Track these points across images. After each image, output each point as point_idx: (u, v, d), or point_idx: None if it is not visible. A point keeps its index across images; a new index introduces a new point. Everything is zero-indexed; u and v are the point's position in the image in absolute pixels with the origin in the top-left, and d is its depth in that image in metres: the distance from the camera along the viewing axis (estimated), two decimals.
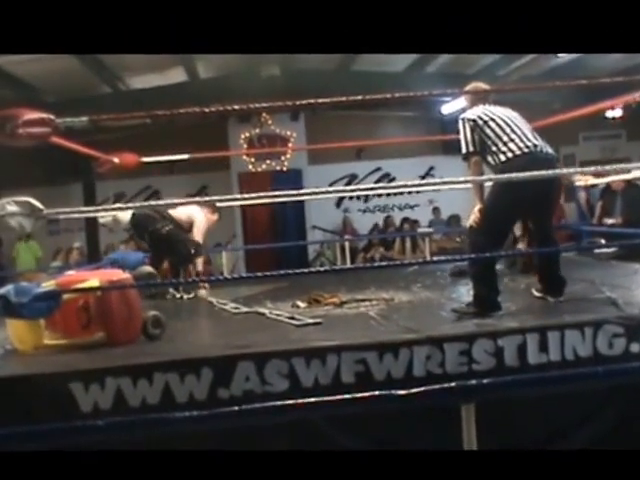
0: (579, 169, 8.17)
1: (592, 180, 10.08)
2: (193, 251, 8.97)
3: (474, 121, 6.27)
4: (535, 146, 6.16)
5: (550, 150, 6.30)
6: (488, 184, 6.43)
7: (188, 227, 9.17)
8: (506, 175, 5.90)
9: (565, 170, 7.25)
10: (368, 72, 16.18)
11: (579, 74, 13.67)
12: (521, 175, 5.71)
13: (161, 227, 8.94)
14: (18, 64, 12.27)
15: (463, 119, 6.35)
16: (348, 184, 19.31)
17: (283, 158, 19.00)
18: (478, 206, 6.14)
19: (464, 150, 6.29)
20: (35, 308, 5.57)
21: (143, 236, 9.30)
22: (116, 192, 18.44)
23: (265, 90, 13.91)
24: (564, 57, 13.81)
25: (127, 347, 5.73)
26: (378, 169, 19.74)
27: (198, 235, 9.13)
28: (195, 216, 9.20)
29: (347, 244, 15.22)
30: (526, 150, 6.11)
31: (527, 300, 6.61)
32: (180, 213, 9.17)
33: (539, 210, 6.44)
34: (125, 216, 9.38)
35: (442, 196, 18.19)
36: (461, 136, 6.32)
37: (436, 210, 19.31)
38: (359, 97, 5.87)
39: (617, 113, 15.52)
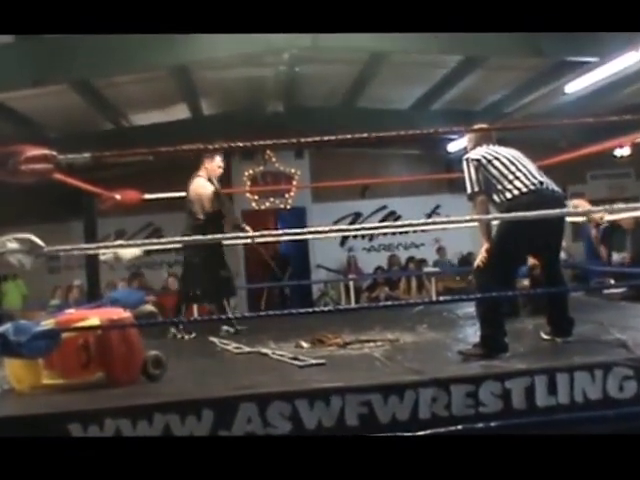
0: (587, 209, 8.08)
1: (607, 217, 9.99)
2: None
3: (478, 161, 6.25)
4: (541, 183, 6.14)
5: (557, 188, 6.27)
6: (495, 223, 6.38)
7: (200, 207, 8.74)
8: (512, 214, 5.87)
9: (572, 209, 7.17)
10: (373, 109, 16.20)
11: (586, 112, 13.65)
12: (528, 213, 5.67)
13: (189, 255, 8.71)
14: (20, 100, 12.28)
15: (467, 159, 6.34)
16: (352, 222, 19.28)
17: (287, 196, 18.99)
18: (485, 246, 6.10)
19: (469, 190, 6.27)
20: (34, 347, 5.49)
21: (195, 254, 8.79)
22: (117, 229, 18.34)
23: (269, 127, 13.93)
24: (571, 94, 13.78)
25: (127, 387, 5.66)
26: (383, 207, 19.70)
27: (207, 203, 8.70)
28: (197, 191, 8.85)
29: (351, 283, 15.18)
30: (532, 187, 6.08)
31: (535, 341, 6.56)
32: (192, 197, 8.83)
33: (547, 248, 6.41)
34: (126, 253, 9.25)
35: (448, 235, 18.08)
36: (466, 176, 6.30)
37: (441, 250, 19.16)
38: (364, 135, 5.82)
39: (625, 151, 15.51)
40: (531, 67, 13.44)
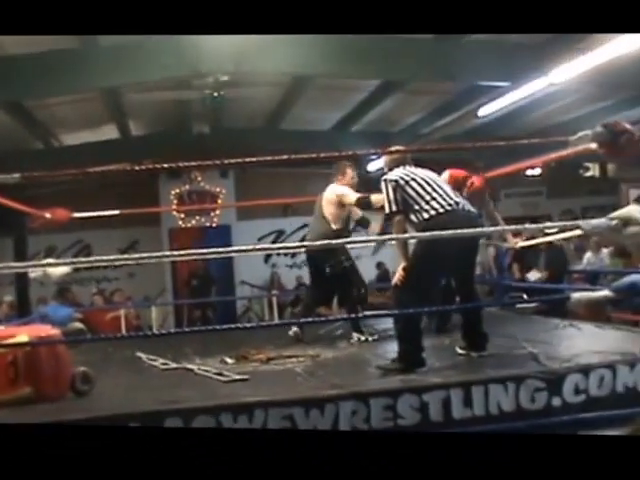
0: (500, 227, 8.30)
1: (521, 243, 10.22)
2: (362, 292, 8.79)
3: (396, 182, 6.38)
4: (457, 204, 6.32)
5: (472, 208, 6.49)
6: (412, 242, 6.56)
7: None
8: (429, 233, 6.03)
9: (487, 228, 7.40)
10: (295, 131, 16.41)
11: (500, 133, 14.00)
12: (444, 232, 5.84)
13: (340, 262, 8.70)
14: None
15: (385, 180, 6.47)
16: (276, 240, 19.43)
17: (213, 214, 19.03)
18: (402, 264, 6.27)
19: (387, 210, 6.42)
20: None
21: (323, 268, 8.74)
22: (47, 246, 18.23)
23: (195, 147, 14.03)
24: (486, 116, 14.13)
25: (55, 403, 5.68)
26: (305, 225, 19.79)
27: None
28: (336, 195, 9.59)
29: (275, 299, 15.27)
30: (448, 207, 6.24)
31: (451, 356, 6.68)
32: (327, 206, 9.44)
33: (462, 266, 6.60)
34: (55, 271, 9.25)
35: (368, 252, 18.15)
36: (384, 196, 6.45)
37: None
38: (285, 157, 5.97)
39: (536, 171, 15.92)
40: (445, 91, 13.71)
